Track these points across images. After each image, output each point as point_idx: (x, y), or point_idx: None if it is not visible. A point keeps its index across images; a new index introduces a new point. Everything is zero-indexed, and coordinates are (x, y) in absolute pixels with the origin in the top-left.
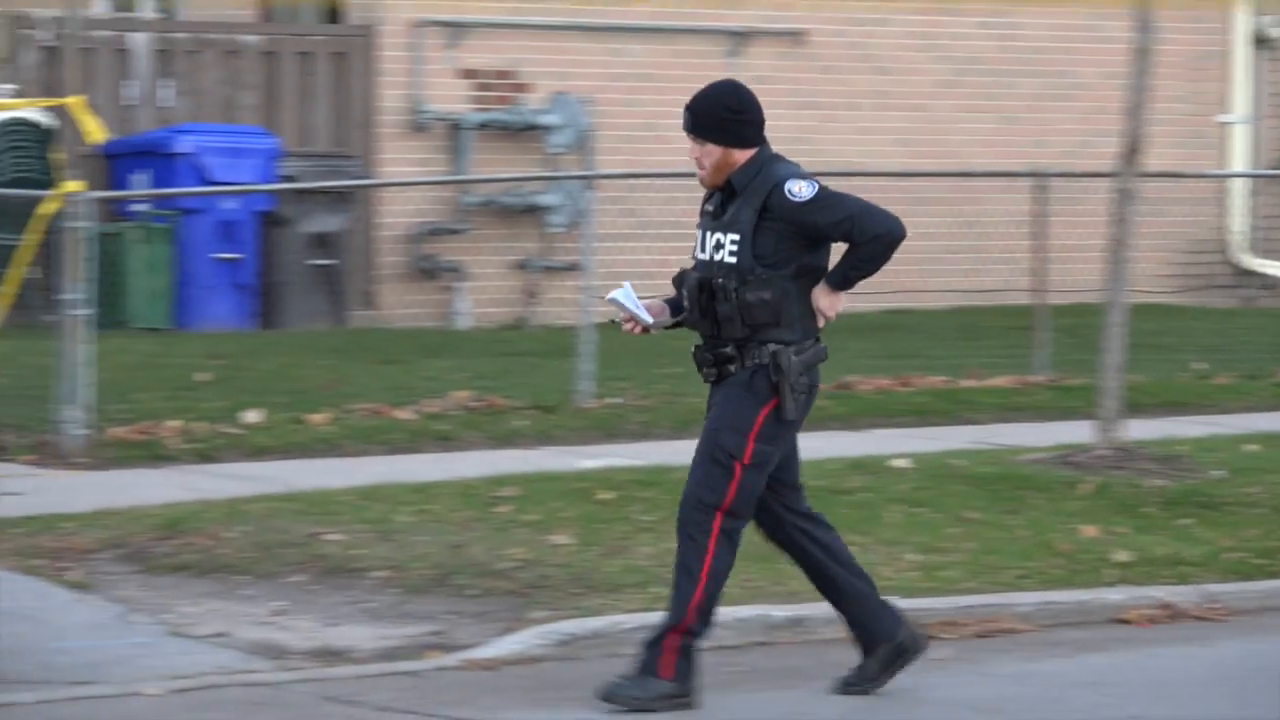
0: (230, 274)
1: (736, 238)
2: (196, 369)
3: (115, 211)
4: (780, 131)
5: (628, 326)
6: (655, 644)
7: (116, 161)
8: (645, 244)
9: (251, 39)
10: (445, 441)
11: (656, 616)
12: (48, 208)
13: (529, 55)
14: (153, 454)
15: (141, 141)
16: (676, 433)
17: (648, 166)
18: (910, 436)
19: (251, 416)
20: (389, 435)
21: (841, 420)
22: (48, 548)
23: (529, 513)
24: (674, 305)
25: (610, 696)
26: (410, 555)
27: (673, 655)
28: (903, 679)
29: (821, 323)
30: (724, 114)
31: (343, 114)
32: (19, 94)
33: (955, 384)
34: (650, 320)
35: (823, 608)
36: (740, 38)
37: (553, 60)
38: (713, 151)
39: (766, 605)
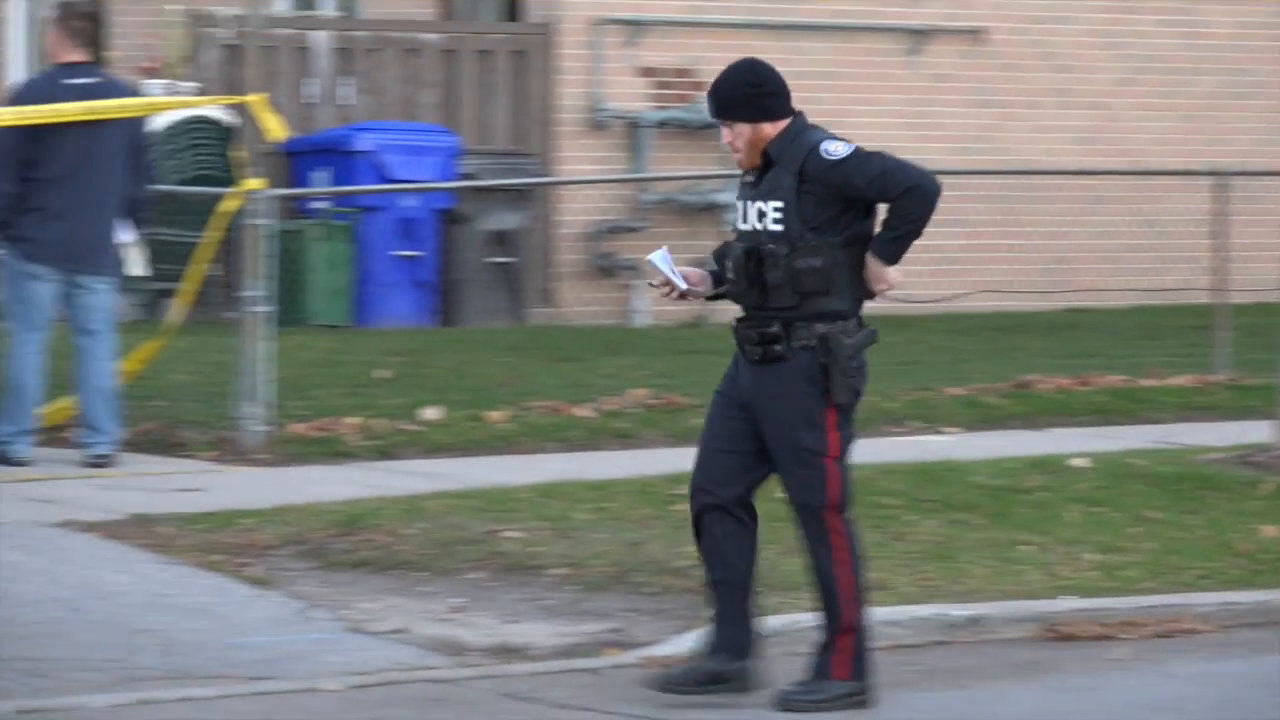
0: (410, 271)
1: (780, 204)
2: (376, 366)
3: (296, 209)
4: (960, 130)
5: (664, 290)
6: (826, 648)
7: (297, 159)
8: None
9: (431, 37)
10: (624, 439)
11: None
12: (229, 205)
13: (708, 53)
14: (332, 450)
15: (322, 139)
16: (862, 430)
17: None
18: (1090, 436)
19: (430, 414)
20: (567, 433)
21: (1021, 419)
22: (228, 544)
23: None
24: (715, 277)
25: (786, 704)
26: (588, 552)
27: (845, 655)
28: (1080, 679)
29: (883, 288)
30: (745, 91)
31: (521, 112)
32: (201, 92)
33: (1135, 383)
34: (685, 286)
35: (1002, 607)
36: (920, 35)
37: (732, 58)
38: (742, 131)
39: (944, 605)
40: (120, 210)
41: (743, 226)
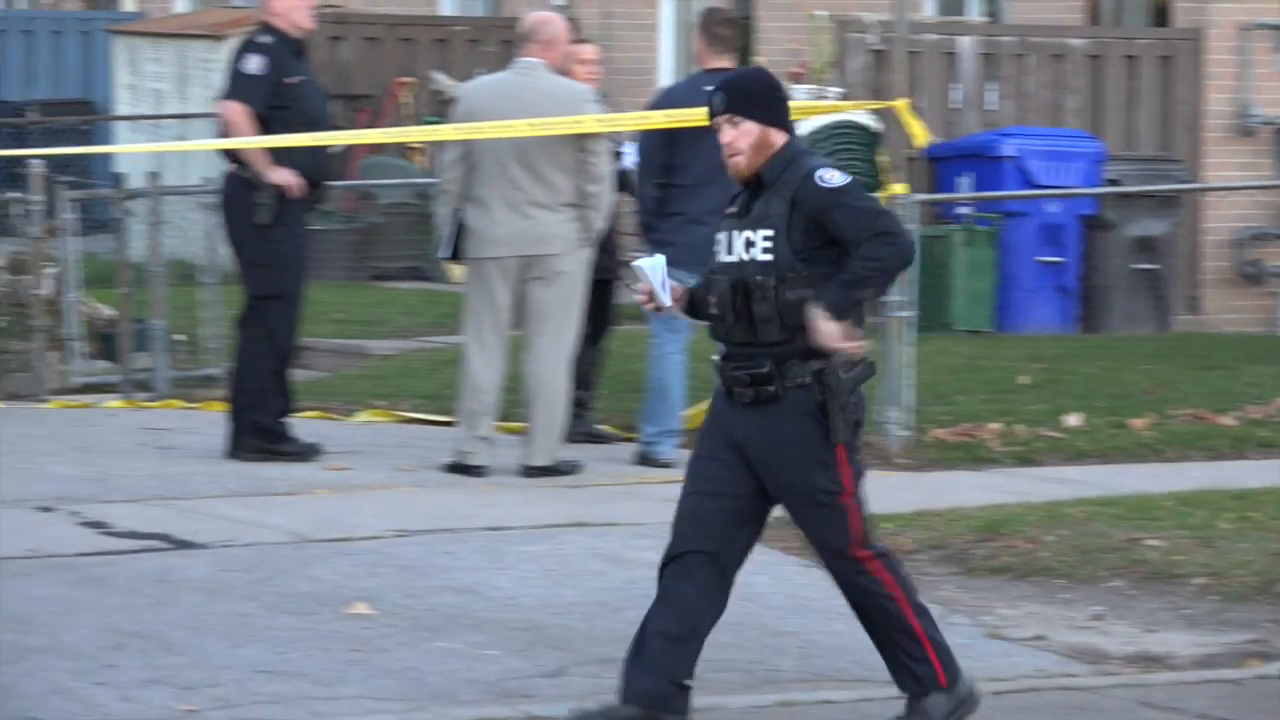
0: (1053, 277)
1: (770, 233)
2: (1017, 372)
3: (940, 214)
4: None
5: (642, 299)
6: (914, 676)
7: (941, 164)
8: None
9: (1077, 42)
10: (1268, 449)
11: None
12: None
13: None
14: (973, 456)
15: (966, 144)
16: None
17: None
18: None
19: (1072, 420)
20: (1210, 441)
21: None
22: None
23: None
24: (694, 300)
25: None
26: (1230, 562)
27: (935, 665)
28: None
29: (821, 341)
30: (763, 89)
31: (1167, 117)
32: (845, 97)
33: None
34: (669, 303)
35: None
36: None
37: None
38: (751, 131)
39: None
40: None
41: (727, 258)
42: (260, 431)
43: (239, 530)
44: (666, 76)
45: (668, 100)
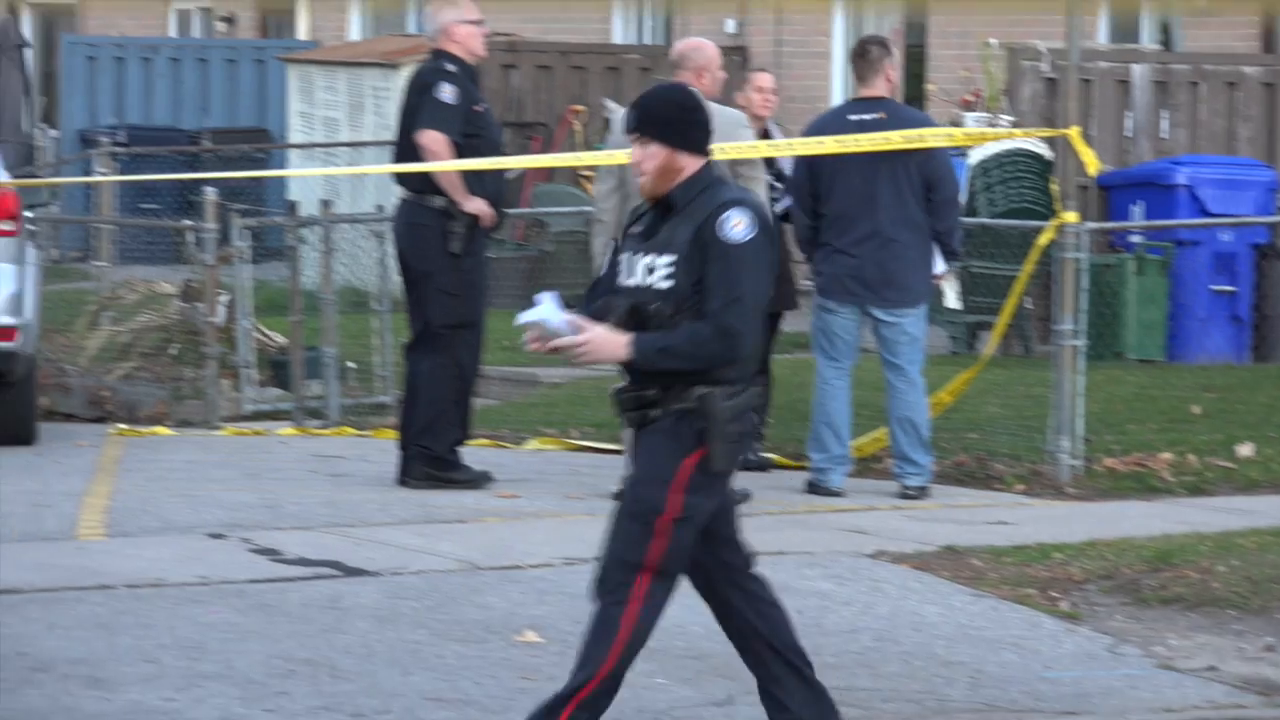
0: (1225, 306)
1: (672, 259)
2: (1189, 402)
3: (1111, 242)
4: None
5: (534, 346)
6: (553, 712)
7: (1113, 193)
8: None
9: (1251, 70)
10: None
11: None
12: (1044, 238)
13: None
14: (1144, 485)
15: (1138, 173)
16: None
17: None
18: None
19: (1244, 450)
20: None
21: None
22: (1038, 577)
23: None
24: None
25: None
26: None
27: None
28: None
29: (581, 351)
30: (674, 111)
31: None
32: (1017, 124)
33: None
34: (546, 346)
35: None
36: None
37: None
38: (657, 153)
39: None
40: (922, 243)
41: (628, 282)
42: (432, 459)
43: (409, 558)
44: (837, 103)
45: (815, 130)
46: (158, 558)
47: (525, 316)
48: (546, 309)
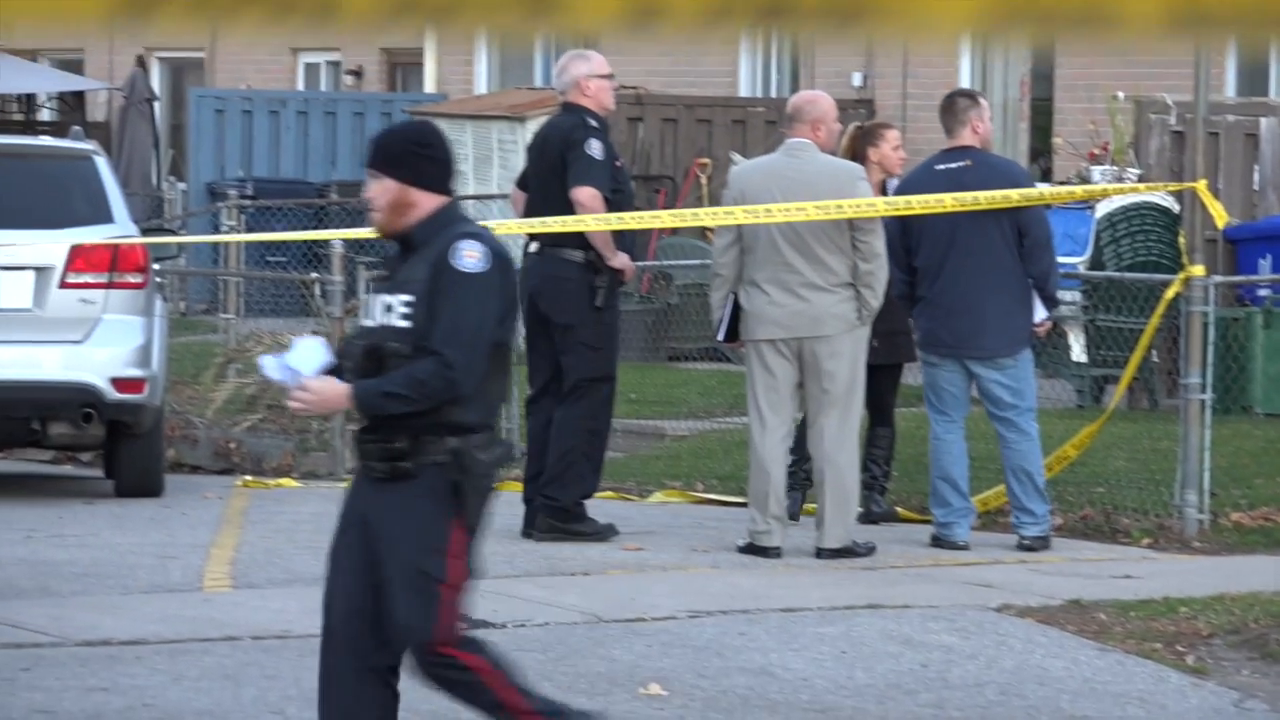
0: None
1: (409, 299)
2: None
3: (1239, 296)
4: None
5: (296, 406)
6: None
7: (1241, 246)
8: None
9: None
10: None
11: None
12: (1171, 291)
13: None
14: (1271, 540)
15: (1266, 226)
16: None
17: None
18: None
19: None
20: None
21: None
22: (1164, 632)
23: None
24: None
25: None
26: None
27: None
28: None
29: (297, 405)
30: (408, 146)
31: None
32: (1144, 178)
33: None
34: (323, 391)
35: None
36: None
37: None
38: (389, 189)
39: None
40: (1017, 291)
41: (366, 323)
42: (558, 511)
43: (533, 610)
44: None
45: (907, 185)
46: (283, 609)
47: (266, 367)
48: (271, 364)
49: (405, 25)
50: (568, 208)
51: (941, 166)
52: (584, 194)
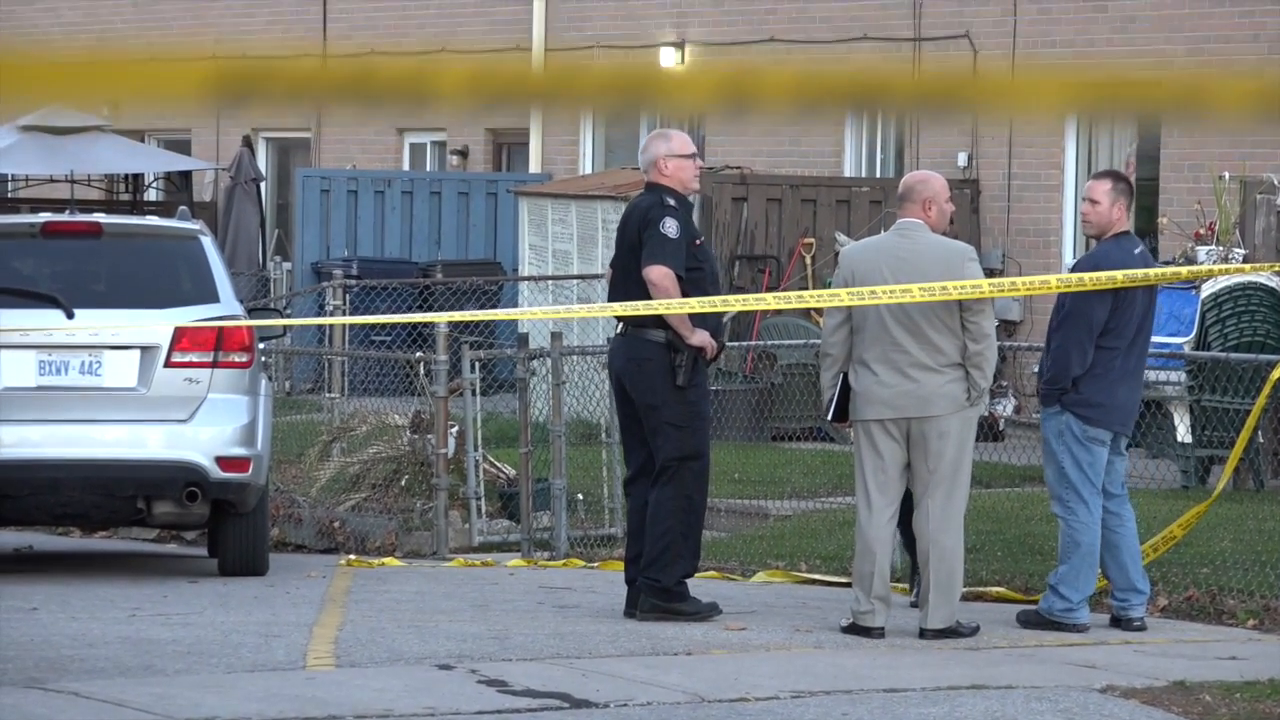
0: None
1: None
2: None
3: None
4: None
5: None
6: None
7: None
8: None
9: None
10: None
11: None
12: (1277, 372)
13: None
14: None
15: None
16: None
17: None
18: None
19: None
20: None
21: None
22: (1271, 714)
23: None
24: None
25: None
26: None
27: None
28: None
29: None
30: None
31: None
32: (1249, 258)
33: None
34: None
35: None
36: None
37: None
38: None
39: None
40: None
41: None
42: (660, 591)
43: (636, 690)
44: (1068, 237)
45: (1108, 263)
46: (386, 688)
47: None
48: None
49: (498, 111)
50: (646, 287)
51: (1136, 249)
52: (656, 273)
